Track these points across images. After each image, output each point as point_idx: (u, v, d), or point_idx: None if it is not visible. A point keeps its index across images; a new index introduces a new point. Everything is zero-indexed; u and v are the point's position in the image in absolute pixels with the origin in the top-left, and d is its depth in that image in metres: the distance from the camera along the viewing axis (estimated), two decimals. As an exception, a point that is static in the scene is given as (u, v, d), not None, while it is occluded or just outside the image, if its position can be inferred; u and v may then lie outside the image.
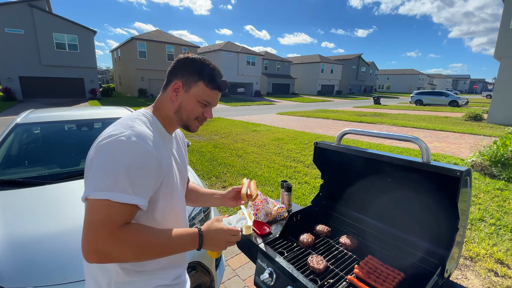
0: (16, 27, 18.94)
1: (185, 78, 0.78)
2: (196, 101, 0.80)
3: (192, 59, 0.79)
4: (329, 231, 1.23)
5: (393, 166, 1.06)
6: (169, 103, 0.81)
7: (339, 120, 12.26)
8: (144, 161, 0.67)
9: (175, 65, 0.80)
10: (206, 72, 0.78)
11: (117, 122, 0.75)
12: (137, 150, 0.66)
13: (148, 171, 0.68)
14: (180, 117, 0.82)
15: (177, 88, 0.79)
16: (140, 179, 0.66)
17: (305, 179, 4.32)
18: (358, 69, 50.04)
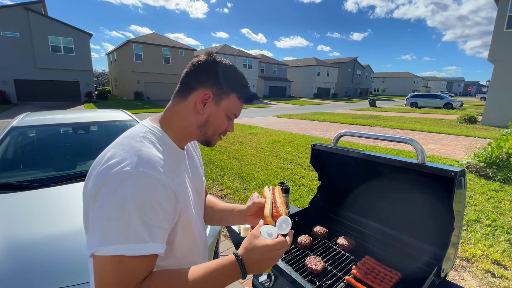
0: (12, 30, 18.82)
1: (216, 87, 0.66)
2: (225, 115, 0.69)
3: (225, 66, 0.67)
4: (326, 232, 1.24)
5: (390, 167, 1.08)
6: (191, 115, 0.68)
7: (335, 123, 12.32)
8: (159, 196, 0.54)
9: (201, 70, 0.66)
10: (240, 84, 0.69)
11: (118, 141, 0.61)
12: (149, 183, 0.53)
13: (165, 207, 0.55)
14: (204, 132, 0.70)
15: (205, 99, 0.66)
16: (157, 220, 0.53)
17: (302, 181, 4.33)
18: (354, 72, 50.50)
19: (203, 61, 0.67)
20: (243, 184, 4.24)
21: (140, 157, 0.55)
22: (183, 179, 0.67)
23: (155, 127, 0.66)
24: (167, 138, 0.67)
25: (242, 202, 3.60)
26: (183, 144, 0.72)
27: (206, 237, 0.84)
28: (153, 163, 0.56)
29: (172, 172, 0.61)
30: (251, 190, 4.01)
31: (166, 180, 0.56)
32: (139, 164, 0.53)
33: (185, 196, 0.66)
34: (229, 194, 3.87)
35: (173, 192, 0.58)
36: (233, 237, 1.34)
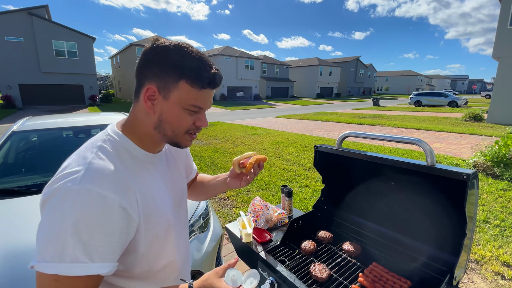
0: (16, 35, 19.07)
1: (159, 78, 0.56)
2: (181, 109, 0.59)
3: (164, 48, 0.56)
4: (331, 237, 1.20)
5: (397, 169, 1.03)
6: (145, 116, 0.60)
7: (338, 123, 12.24)
8: (101, 214, 0.49)
9: (142, 61, 0.58)
10: (188, 65, 0.56)
11: (79, 149, 0.58)
12: (91, 200, 0.49)
13: (108, 226, 0.50)
14: (163, 133, 0.61)
15: (151, 95, 0.58)
16: (98, 239, 0.49)
17: (306, 183, 4.28)
18: (357, 71, 50.26)
19: (144, 51, 0.58)
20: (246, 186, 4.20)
21: (87, 170, 0.51)
22: (150, 187, 0.62)
23: (117, 133, 0.61)
24: (130, 144, 0.61)
25: (246, 204, 3.56)
26: (154, 147, 0.66)
27: (188, 249, 0.81)
28: (100, 177, 0.51)
29: (130, 184, 0.56)
30: (253, 192, 3.97)
31: (112, 197, 0.51)
32: (84, 179, 0.50)
33: (151, 203, 0.61)
34: (231, 196, 3.83)
35: (122, 209, 0.52)
36: (234, 243, 1.30)
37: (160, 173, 0.67)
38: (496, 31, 11.58)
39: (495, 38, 11.62)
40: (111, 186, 0.52)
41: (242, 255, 1.26)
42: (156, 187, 0.64)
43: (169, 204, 0.69)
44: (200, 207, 1.85)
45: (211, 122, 12.26)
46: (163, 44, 0.57)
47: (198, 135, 8.82)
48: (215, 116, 15.88)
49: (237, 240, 1.25)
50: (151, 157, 0.65)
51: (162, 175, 0.68)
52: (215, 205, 3.58)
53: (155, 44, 0.57)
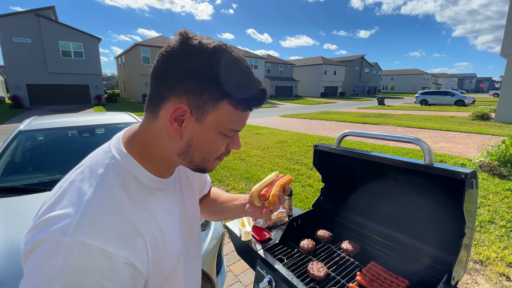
0: (24, 36, 19.42)
1: (193, 95, 0.43)
2: (216, 134, 0.47)
3: (201, 54, 0.42)
4: (330, 236, 1.20)
5: (395, 168, 1.03)
6: (166, 138, 0.47)
7: (342, 122, 12.16)
8: (101, 276, 0.37)
9: (166, 65, 0.43)
10: (235, 82, 0.43)
11: (74, 174, 0.45)
12: (88, 258, 0.37)
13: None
14: (190, 160, 0.50)
15: (180, 115, 0.44)
16: None
17: (309, 182, 4.28)
18: (362, 70, 49.88)
19: (171, 49, 0.43)
20: (248, 185, 4.21)
21: (84, 214, 0.39)
22: (159, 220, 0.50)
23: (123, 154, 0.48)
24: (139, 170, 0.48)
25: (248, 203, 3.57)
26: (168, 172, 0.54)
27: (198, 279, 0.71)
28: (100, 224, 0.39)
29: (138, 227, 0.44)
30: (256, 191, 3.99)
31: (116, 252, 0.39)
32: (79, 229, 0.37)
33: (162, 243, 0.49)
34: (234, 195, 3.85)
35: (129, 266, 0.40)
36: (234, 241, 1.31)
37: (171, 199, 0.56)
38: (505, 28, 11.36)
39: (504, 36, 11.40)
40: (115, 236, 0.40)
41: (241, 253, 1.27)
42: (166, 218, 0.52)
43: (181, 235, 0.57)
44: (202, 206, 1.87)
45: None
46: (201, 47, 0.42)
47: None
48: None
49: (236, 239, 1.26)
50: (161, 183, 0.52)
51: (173, 201, 0.57)
52: (217, 204, 3.61)
53: (189, 46, 0.42)
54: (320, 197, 1.36)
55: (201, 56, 0.42)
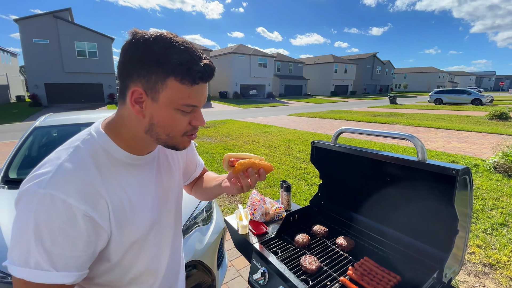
0: (43, 37, 20.16)
1: (144, 78, 0.50)
2: (173, 110, 0.53)
3: (145, 42, 0.49)
4: (326, 232, 1.21)
5: (390, 165, 1.03)
6: (134, 120, 0.55)
7: (352, 121, 11.99)
8: (64, 222, 0.46)
9: (122, 59, 0.52)
10: (175, 59, 0.49)
11: (61, 146, 0.55)
12: (54, 207, 0.46)
13: (73, 235, 0.47)
14: (157, 137, 0.56)
15: (137, 97, 0.52)
16: (61, 248, 0.46)
17: (315, 181, 4.26)
18: (373, 68, 48.87)
19: (123, 47, 0.51)
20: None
21: (55, 174, 0.48)
22: (130, 191, 0.57)
23: (99, 132, 0.56)
24: (111, 145, 0.56)
25: (253, 200, 3.61)
26: (143, 150, 0.61)
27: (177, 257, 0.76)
28: (67, 182, 0.48)
29: (100, 190, 0.51)
30: (261, 188, 4.01)
31: (76, 205, 0.47)
32: (50, 183, 0.47)
33: (130, 211, 0.57)
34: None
35: (88, 217, 0.48)
36: (232, 234, 1.34)
37: (146, 174, 0.63)
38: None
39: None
40: (77, 192, 0.48)
41: (238, 246, 1.30)
42: (138, 191, 0.59)
43: (154, 209, 0.64)
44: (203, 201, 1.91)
45: (223, 120, 12.40)
46: (143, 37, 0.49)
47: (210, 133, 8.97)
48: (227, 114, 16.03)
49: (234, 232, 1.29)
50: (136, 159, 0.60)
51: (148, 177, 0.63)
52: (222, 200, 3.66)
53: (134, 39, 0.50)
54: (318, 193, 1.37)
55: (144, 44, 0.49)
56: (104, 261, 0.56)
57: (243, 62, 31.37)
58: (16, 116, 14.68)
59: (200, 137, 8.17)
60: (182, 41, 0.51)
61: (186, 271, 1.52)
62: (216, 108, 20.10)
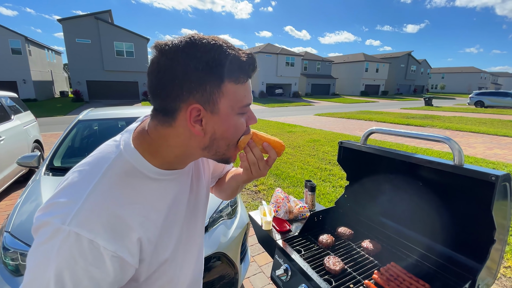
0: (85, 37, 21.88)
1: (198, 92, 0.45)
2: (236, 116, 0.49)
3: (185, 52, 0.44)
4: (351, 234, 1.19)
5: (423, 168, 0.99)
6: (188, 140, 0.49)
7: (383, 122, 11.45)
8: (90, 264, 0.41)
9: (162, 79, 0.45)
10: (225, 60, 0.44)
11: (88, 161, 0.49)
12: (79, 248, 0.40)
13: (98, 277, 0.42)
14: (216, 151, 0.52)
15: (196, 116, 0.46)
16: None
17: (340, 183, 4.16)
18: (408, 67, 46.10)
19: (156, 65, 0.45)
20: (277, 182, 4.25)
21: (81, 207, 0.42)
22: (162, 207, 0.52)
23: (132, 151, 0.49)
24: (148, 168, 0.50)
25: (275, 199, 3.63)
26: (184, 164, 0.56)
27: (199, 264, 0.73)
28: (94, 218, 0.42)
29: (132, 223, 0.46)
30: (285, 187, 4.01)
31: (105, 245, 0.42)
32: (75, 220, 0.41)
33: (164, 229, 0.53)
34: (263, 190, 3.93)
35: (117, 258, 0.43)
36: (256, 230, 1.37)
37: (181, 188, 0.58)
38: None
39: None
40: (105, 230, 0.42)
41: (262, 241, 1.33)
42: (177, 204, 0.56)
43: (182, 223, 0.59)
44: (229, 196, 1.98)
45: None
46: (178, 46, 0.44)
47: (236, 131, 9.12)
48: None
49: (258, 227, 1.32)
50: (175, 174, 0.54)
51: (183, 190, 0.59)
52: (246, 197, 3.72)
53: (168, 51, 0.44)
54: (344, 195, 1.35)
55: (183, 53, 0.44)
56: (131, 281, 0.51)
57: (270, 61, 31.34)
58: (60, 110, 16.13)
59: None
60: (216, 39, 0.46)
61: (210, 263, 1.59)
62: (242, 106, 20.32)
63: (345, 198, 1.36)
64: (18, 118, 4.19)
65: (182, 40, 0.45)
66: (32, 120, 4.72)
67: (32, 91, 22.42)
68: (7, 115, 3.91)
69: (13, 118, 4.04)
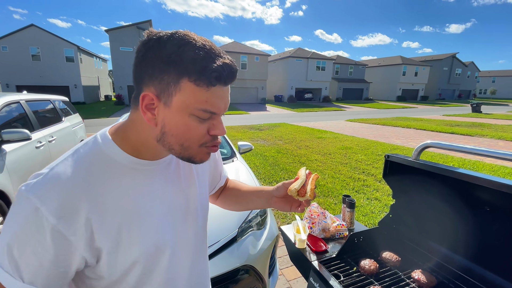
0: (127, 46, 23.66)
1: (156, 80, 0.45)
2: (188, 117, 0.47)
3: (157, 41, 0.45)
4: (398, 261, 1.05)
5: (493, 192, 0.83)
6: (145, 126, 0.50)
7: (423, 130, 10.61)
8: (33, 232, 0.42)
9: (135, 61, 0.48)
10: (188, 58, 0.44)
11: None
12: (28, 214, 0.42)
13: (39, 247, 0.42)
14: (169, 147, 0.50)
15: (149, 103, 0.47)
16: (27, 258, 0.42)
17: (376, 195, 3.87)
18: (452, 70, 42.47)
19: (137, 48, 0.47)
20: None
21: (43, 178, 0.45)
22: (135, 201, 0.51)
23: (104, 136, 0.51)
24: (115, 150, 0.50)
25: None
26: (154, 156, 0.54)
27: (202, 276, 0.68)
28: (48, 189, 0.43)
29: (83, 205, 0.45)
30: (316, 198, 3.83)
31: (47, 216, 0.42)
32: (34, 187, 0.44)
33: (135, 223, 0.50)
34: (291, 198, 3.80)
35: (57, 233, 0.43)
36: (288, 246, 1.28)
37: (156, 182, 0.55)
38: None
39: None
40: (54, 203, 0.43)
41: (294, 259, 1.24)
42: (147, 200, 0.53)
43: (170, 221, 0.57)
44: (259, 206, 1.91)
45: (276, 123, 12.43)
46: (157, 36, 0.45)
47: (264, 135, 9.08)
48: (280, 117, 16.02)
49: (290, 244, 1.23)
50: (143, 164, 0.53)
51: (159, 185, 0.55)
52: (274, 205, 3.62)
53: (147, 38, 0.46)
54: (389, 215, 1.21)
55: (157, 42, 0.45)
56: (99, 278, 0.50)
57: (300, 66, 31.02)
58: (104, 112, 17.56)
59: (255, 139, 8.34)
60: (200, 38, 0.46)
61: (238, 275, 1.53)
62: (271, 111, 20.32)
63: (390, 218, 1.22)
64: (68, 120, 4.58)
65: (166, 32, 0.46)
66: (80, 122, 5.15)
67: (82, 95, 24.79)
68: (59, 117, 4.29)
69: (64, 120, 4.42)
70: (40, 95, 4.07)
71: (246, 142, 3.20)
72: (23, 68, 22.71)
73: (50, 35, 23.12)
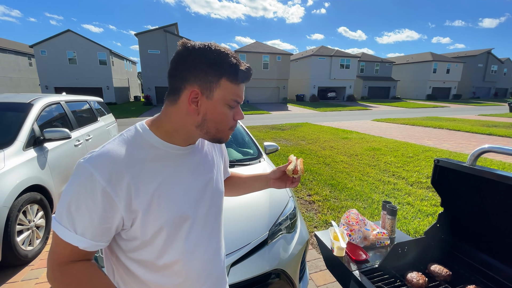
0: (155, 48, 24.63)
1: (201, 80, 0.58)
2: (224, 106, 0.61)
3: (200, 50, 0.58)
4: (449, 275, 0.97)
5: None
6: (184, 117, 0.62)
7: (457, 131, 9.91)
8: (86, 192, 0.54)
9: (178, 64, 0.60)
10: (227, 64, 0.58)
11: None
12: (84, 178, 0.54)
13: (91, 205, 0.54)
14: (207, 131, 0.63)
15: (194, 97, 0.59)
16: (81, 214, 0.54)
17: (408, 200, 3.67)
18: (487, 67, 39.26)
19: (180, 54, 0.59)
20: (333, 193, 3.97)
21: (97, 153, 0.57)
22: (166, 179, 0.62)
23: (142, 125, 0.64)
24: (151, 136, 0.62)
25: (332, 211, 3.37)
26: (183, 142, 0.66)
27: (217, 254, 0.75)
28: (100, 160, 0.56)
29: (126, 173, 0.57)
30: (342, 200, 3.71)
31: (99, 179, 0.54)
32: (90, 159, 0.56)
33: (164, 196, 0.61)
34: (317, 201, 3.71)
35: (105, 193, 0.54)
36: (324, 253, 1.24)
37: (186, 164, 0.67)
38: None
39: None
40: (104, 169, 0.55)
41: (331, 267, 1.19)
42: (175, 177, 0.64)
43: (192, 198, 0.67)
44: (288, 208, 1.87)
45: (299, 123, 12.25)
46: (198, 46, 0.58)
47: (286, 135, 8.99)
48: (303, 117, 15.77)
49: (327, 251, 1.19)
50: (175, 149, 0.65)
51: (189, 167, 0.67)
52: (299, 207, 3.56)
53: (190, 47, 0.58)
54: (437, 224, 1.12)
55: (201, 51, 0.58)
56: (133, 239, 0.61)
57: (323, 64, 30.34)
58: (133, 112, 18.43)
59: (277, 139, 8.28)
60: (227, 49, 0.60)
61: (269, 279, 1.51)
62: (292, 111, 20.08)
63: (438, 228, 1.13)
64: (103, 119, 4.85)
65: (202, 43, 0.59)
66: (113, 121, 5.43)
67: (113, 96, 26.21)
68: (94, 117, 4.55)
69: (99, 119, 4.68)
70: (78, 96, 4.34)
71: (272, 142, 3.17)
72: (60, 71, 24.44)
73: (85, 40, 24.70)
